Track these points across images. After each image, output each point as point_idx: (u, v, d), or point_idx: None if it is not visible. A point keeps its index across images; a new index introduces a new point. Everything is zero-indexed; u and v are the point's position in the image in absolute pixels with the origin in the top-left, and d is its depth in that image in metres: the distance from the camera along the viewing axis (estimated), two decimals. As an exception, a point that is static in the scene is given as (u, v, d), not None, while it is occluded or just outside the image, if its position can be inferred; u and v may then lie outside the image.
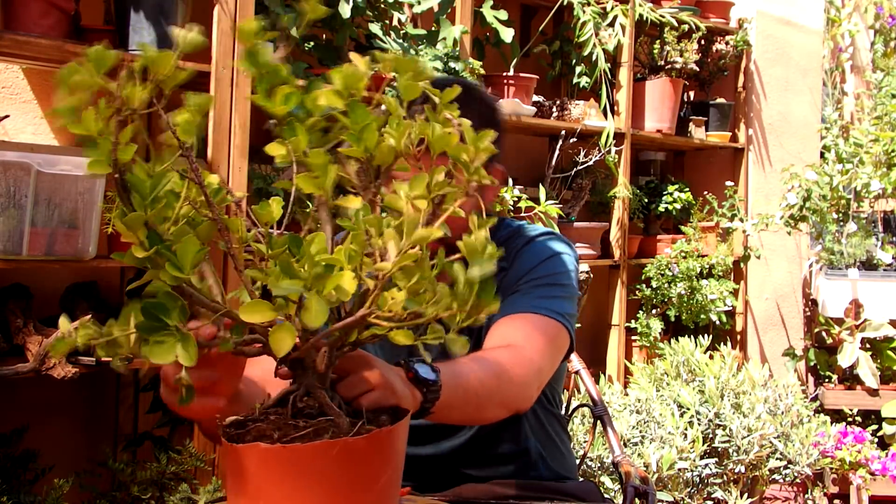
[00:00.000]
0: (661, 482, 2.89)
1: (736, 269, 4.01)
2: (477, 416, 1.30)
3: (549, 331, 1.39)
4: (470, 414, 1.25)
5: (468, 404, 1.19)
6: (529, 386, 1.32)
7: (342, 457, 0.77)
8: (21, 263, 1.92)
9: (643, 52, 3.66)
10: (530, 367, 1.31)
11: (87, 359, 2.00)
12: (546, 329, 1.39)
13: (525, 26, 3.53)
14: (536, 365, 1.33)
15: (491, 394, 1.22)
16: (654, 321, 3.55)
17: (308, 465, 0.77)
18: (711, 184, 4.06)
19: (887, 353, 3.76)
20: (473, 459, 1.52)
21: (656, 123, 3.65)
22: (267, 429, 0.80)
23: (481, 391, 1.20)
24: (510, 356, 1.30)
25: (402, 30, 2.62)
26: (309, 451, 0.77)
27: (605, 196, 3.51)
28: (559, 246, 1.51)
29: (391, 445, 0.83)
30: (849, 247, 3.83)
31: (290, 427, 0.80)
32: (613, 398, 3.15)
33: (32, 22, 1.94)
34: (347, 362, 0.90)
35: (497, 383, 1.23)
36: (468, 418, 1.33)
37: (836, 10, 4.64)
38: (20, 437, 2.09)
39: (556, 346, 1.41)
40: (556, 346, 1.41)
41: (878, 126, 3.89)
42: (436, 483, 1.48)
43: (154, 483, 2.02)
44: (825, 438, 3.43)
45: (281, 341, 0.72)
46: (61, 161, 1.93)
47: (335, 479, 0.78)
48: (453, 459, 1.52)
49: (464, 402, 1.17)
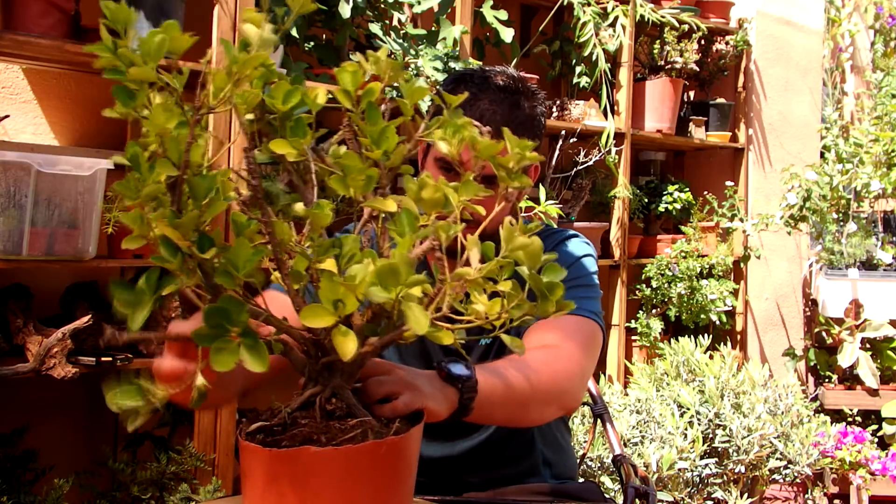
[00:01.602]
0: (661, 482, 2.89)
1: (736, 269, 4.01)
2: (523, 415, 1.26)
3: (585, 329, 1.39)
4: (514, 412, 1.22)
5: (509, 401, 1.17)
6: (573, 383, 1.30)
7: (387, 456, 0.79)
8: (21, 263, 1.92)
9: (643, 52, 3.66)
10: (572, 364, 1.30)
11: (87, 359, 2.00)
12: (582, 328, 1.39)
13: (525, 26, 3.53)
14: (578, 362, 1.32)
15: (534, 391, 1.20)
16: (654, 321, 3.55)
17: (358, 466, 0.77)
18: (711, 184, 4.06)
19: (887, 353, 3.76)
20: (481, 462, 1.52)
21: (656, 123, 3.65)
22: (311, 433, 0.79)
23: (523, 389, 1.18)
24: (550, 355, 1.29)
25: (402, 30, 2.62)
26: (360, 452, 0.77)
27: (605, 196, 3.51)
28: (585, 248, 1.53)
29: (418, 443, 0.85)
30: (849, 247, 3.83)
31: (336, 430, 0.80)
32: (613, 398, 3.15)
33: (32, 22, 1.94)
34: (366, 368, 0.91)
35: (538, 381, 1.21)
36: (514, 417, 1.27)
37: (836, 10, 4.64)
38: (20, 437, 2.09)
39: (594, 344, 1.41)
40: (595, 343, 1.41)
41: (878, 126, 3.89)
42: (437, 486, 1.47)
43: (154, 483, 2.02)
44: (825, 438, 3.43)
45: (345, 345, 0.72)
46: (61, 161, 1.93)
47: (381, 478, 0.79)
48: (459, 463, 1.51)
49: (505, 399, 1.15)
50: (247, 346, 0.71)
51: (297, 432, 0.80)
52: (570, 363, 1.30)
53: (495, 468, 1.52)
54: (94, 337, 2.07)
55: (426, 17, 2.80)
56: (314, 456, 0.76)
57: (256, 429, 0.81)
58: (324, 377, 0.83)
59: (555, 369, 1.25)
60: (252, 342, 0.72)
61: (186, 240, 0.73)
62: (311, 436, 0.79)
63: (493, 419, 1.24)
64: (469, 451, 1.51)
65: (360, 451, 0.77)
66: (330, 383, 0.82)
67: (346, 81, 0.79)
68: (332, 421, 0.81)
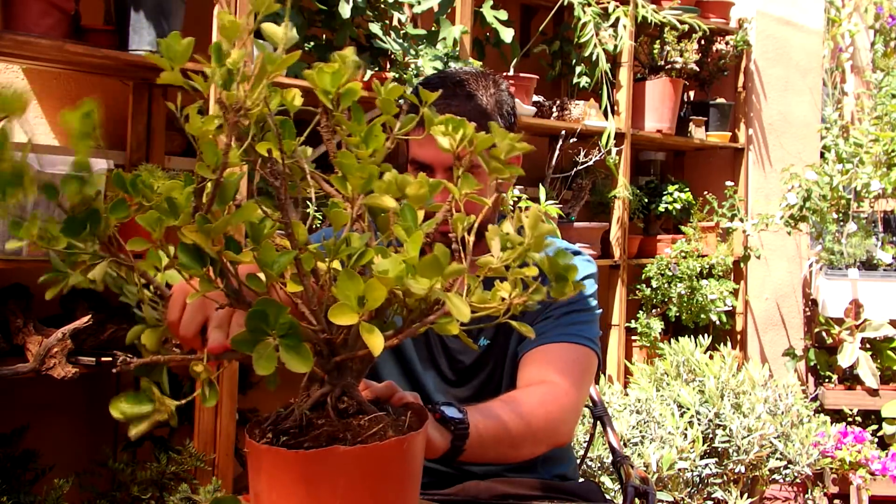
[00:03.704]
0: (661, 482, 2.89)
1: (736, 269, 4.01)
2: (513, 454, 1.29)
3: (582, 360, 1.41)
4: (504, 452, 1.25)
5: (501, 443, 1.19)
6: (566, 422, 1.32)
7: (407, 451, 0.80)
8: (21, 263, 1.92)
9: (643, 52, 3.66)
10: (567, 402, 1.32)
11: (87, 359, 2.00)
12: (579, 358, 1.41)
13: (525, 26, 3.53)
14: (573, 399, 1.34)
15: (526, 432, 1.23)
16: (654, 321, 3.55)
17: (384, 462, 0.79)
18: (711, 184, 4.06)
19: (887, 353, 3.76)
20: None
21: (656, 123, 3.65)
22: (335, 431, 0.80)
23: (514, 429, 1.20)
24: (545, 395, 1.31)
25: (402, 30, 2.62)
26: (387, 449, 0.78)
27: (605, 196, 3.51)
28: (587, 267, 1.53)
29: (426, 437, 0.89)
30: (849, 247, 3.83)
31: (356, 428, 0.81)
32: (613, 398, 3.15)
33: (32, 22, 1.94)
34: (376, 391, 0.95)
35: (532, 422, 1.24)
36: (503, 457, 1.31)
37: (836, 10, 4.64)
38: (20, 437, 2.09)
39: (589, 374, 1.44)
40: (590, 373, 1.44)
41: (878, 126, 3.89)
42: (437, 480, 1.48)
43: (154, 483, 2.02)
44: (825, 438, 3.43)
45: (373, 340, 0.73)
46: (61, 161, 1.93)
47: (402, 472, 0.81)
48: None
49: (496, 441, 1.17)
50: (289, 347, 0.72)
51: (320, 433, 0.80)
52: (565, 400, 1.33)
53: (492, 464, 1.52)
54: (95, 337, 2.07)
55: (426, 17, 2.80)
56: (343, 455, 0.76)
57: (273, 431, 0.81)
58: (333, 376, 0.83)
59: (549, 410, 1.28)
60: (294, 343, 0.72)
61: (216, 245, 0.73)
62: (336, 435, 0.79)
63: (485, 458, 1.26)
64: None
65: (387, 448, 0.79)
66: (340, 382, 0.83)
67: (325, 82, 0.80)
68: (349, 419, 0.82)
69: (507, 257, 0.76)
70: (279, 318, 0.72)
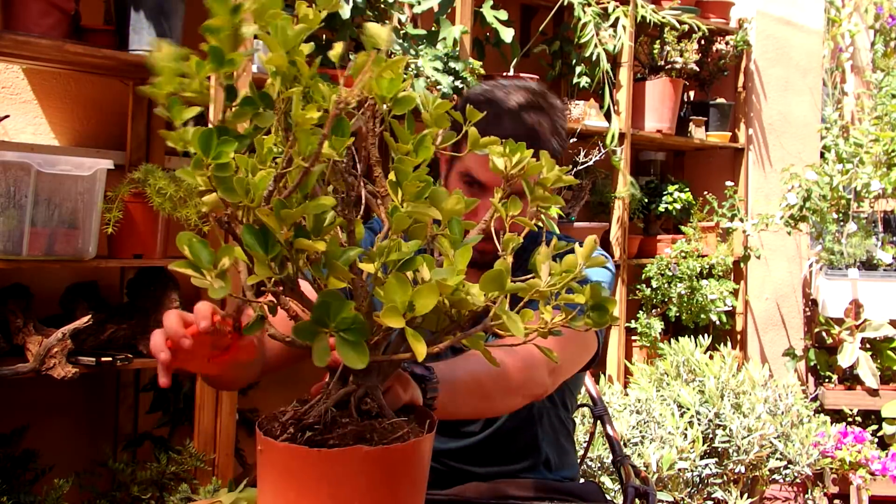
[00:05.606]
0: (661, 482, 2.89)
1: (736, 269, 4.01)
2: (487, 407, 1.27)
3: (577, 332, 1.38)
4: (477, 406, 1.22)
5: (472, 395, 1.17)
6: (537, 370, 1.27)
7: (422, 451, 0.82)
8: (21, 263, 1.92)
9: (643, 52, 3.66)
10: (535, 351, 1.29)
11: (87, 359, 2.00)
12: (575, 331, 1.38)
13: (525, 26, 3.53)
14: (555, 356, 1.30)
15: (496, 382, 1.20)
16: (654, 321, 3.55)
17: (403, 463, 0.80)
18: (711, 184, 4.06)
19: (887, 353, 3.76)
20: (485, 456, 1.53)
21: (656, 123, 3.65)
22: (361, 431, 0.81)
23: (485, 380, 1.18)
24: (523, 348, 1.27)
25: (402, 30, 2.62)
26: (407, 450, 0.80)
27: (605, 196, 3.51)
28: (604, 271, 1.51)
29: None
30: (849, 247, 3.83)
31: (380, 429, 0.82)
32: (613, 398, 3.15)
33: (32, 22, 1.94)
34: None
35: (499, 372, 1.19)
36: (478, 410, 1.29)
37: (836, 10, 4.64)
38: (20, 437, 2.09)
39: (580, 346, 1.39)
40: (580, 344, 1.39)
41: (878, 126, 3.89)
42: (439, 480, 1.48)
43: (154, 483, 2.02)
44: (825, 438, 3.43)
45: (418, 346, 0.74)
46: (61, 161, 1.93)
47: (416, 472, 0.82)
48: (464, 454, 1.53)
49: (467, 393, 1.15)
50: (348, 342, 0.73)
51: (346, 432, 0.80)
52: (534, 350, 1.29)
53: (499, 463, 1.53)
54: (95, 337, 2.07)
55: (426, 17, 2.80)
56: (367, 455, 0.77)
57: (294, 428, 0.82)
58: (360, 376, 0.84)
59: (523, 358, 1.23)
60: (356, 339, 0.73)
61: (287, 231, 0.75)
62: (363, 435, 0.80)
63: (459, 414, 1.24)
64: (475, 444, 1.53)
65: (407, 449, 0.80)
66: (366, 383, 0.84)
67: (383, 88, 0.80)
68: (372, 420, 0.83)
69: (555, 283, 0.79)
70: (342, 312, 0.73)
